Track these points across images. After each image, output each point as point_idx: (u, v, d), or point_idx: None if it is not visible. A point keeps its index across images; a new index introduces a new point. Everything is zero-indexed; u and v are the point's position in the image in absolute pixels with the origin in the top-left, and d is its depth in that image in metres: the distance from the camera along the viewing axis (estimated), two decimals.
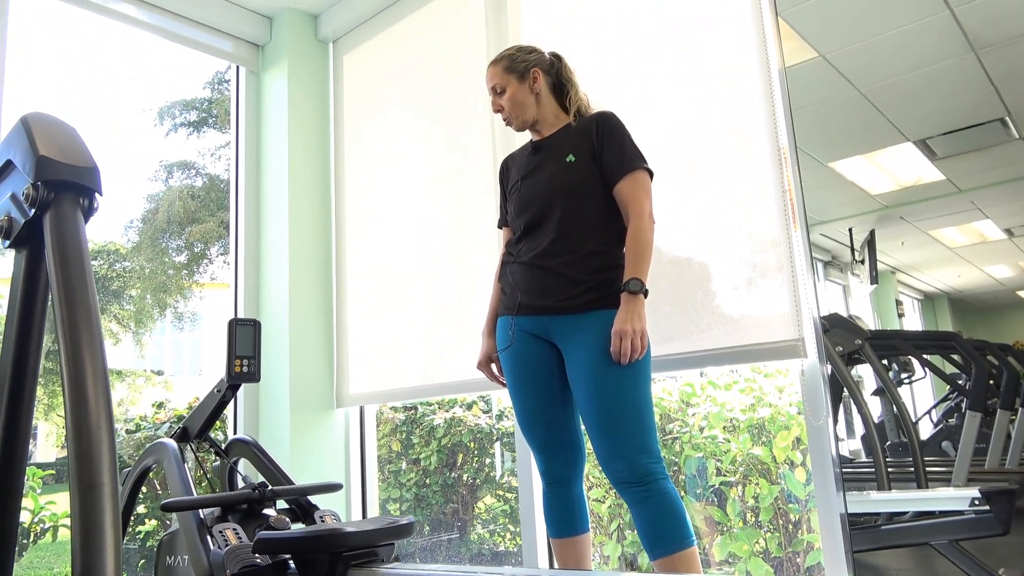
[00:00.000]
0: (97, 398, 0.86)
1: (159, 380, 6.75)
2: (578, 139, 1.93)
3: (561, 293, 1.85)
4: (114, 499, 0.81)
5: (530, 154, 2.03)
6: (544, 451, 1.92)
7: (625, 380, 1.74)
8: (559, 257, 1.87)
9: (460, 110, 2.85)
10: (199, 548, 1.87)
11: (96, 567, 0.76)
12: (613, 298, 1.81)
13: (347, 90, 3.36)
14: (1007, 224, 7.27)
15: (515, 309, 1.95)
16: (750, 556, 2.54)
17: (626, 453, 1.71)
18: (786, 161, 1.96)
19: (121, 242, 6.97)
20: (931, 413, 6.76)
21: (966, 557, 2.19)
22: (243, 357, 2.15)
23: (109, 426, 0.84)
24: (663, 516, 1.68)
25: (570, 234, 1.87)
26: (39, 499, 3.15)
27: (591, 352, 1.78)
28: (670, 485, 1.72)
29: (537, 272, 1.90)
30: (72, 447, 0.81)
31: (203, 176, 7.41)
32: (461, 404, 3.81)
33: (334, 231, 3.26)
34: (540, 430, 1.92)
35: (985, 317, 5.32)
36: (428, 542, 3.79)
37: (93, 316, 0.92)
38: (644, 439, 1.72)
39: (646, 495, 1.69)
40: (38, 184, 0.98)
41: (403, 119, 3.09)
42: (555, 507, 1.93)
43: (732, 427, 2.71)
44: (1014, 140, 6.58)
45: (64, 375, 0.86)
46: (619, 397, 1.74)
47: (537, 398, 1.92)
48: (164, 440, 2.26)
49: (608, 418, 1.74)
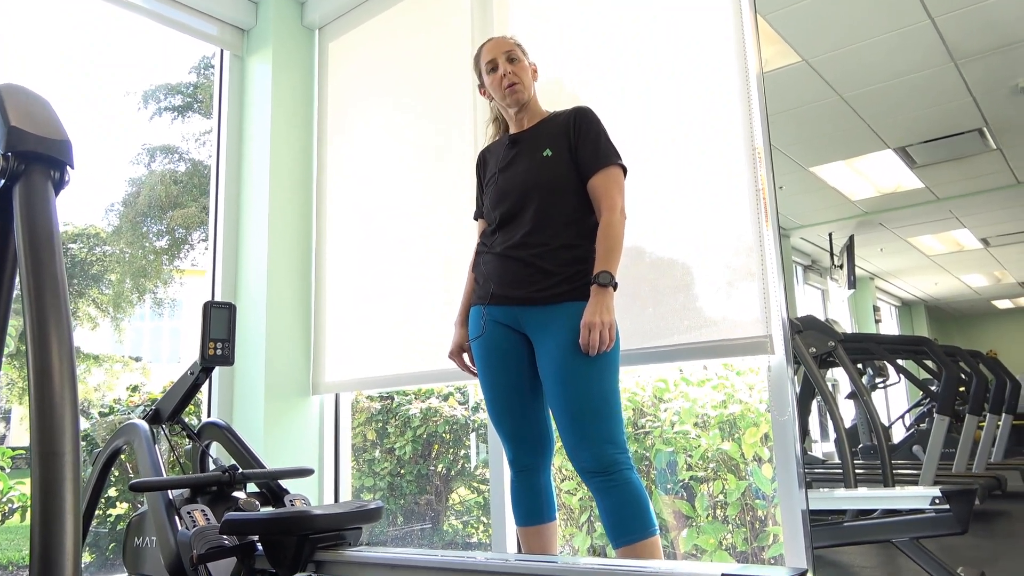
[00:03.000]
0: (61, 369, 0.87)
1: (137, 366, 6.69)
2: (555, 133, 1.95)
3: (533, 284, 1.88)
4: (75, 468, 0.81)
5: (507, 147, 2.05)
6: (512, 440, 1.95)
7: (593, 372, 1.77)
8: (532, 249, 1.89)
9: (443, 102, 2.86)
10: (167, 529, 1.87)
11: (55, 535, 0.77)
12: (584, 290, 1.83)
13: (331, 78, 3.35)
14: (983, 234, 7.38)
15: (487, 299, 1.97)
16: (716, 549, 2.58)
17: (592, 443, 1.73)
18: (760, 162, 1.99)
19: (101, 226, 6.87)
20: (904, 417, 6.86)
21: (926, 555, 2.24)
22: (217, 340, 2.15)
23: (72, 396, 0.85)
24: (626, 506, 1.71)
25: (544, 227, 1.89)
26: (8, 479, 3.13)
27: (560, 343, 1.81)
28: (635, 476, 1.75)
29: (510, 263, 1.92)
30: (34, 415, 0.82)
31: (186, 161, 7.32)
32: (437, 395, 3.82)
33: (314, 218, 3.26)
34: (509, 419, 1.95)
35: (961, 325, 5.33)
36: (401, 532, 3.80)
37: (60, 289, 0.93)
38: (610, 430, 1.75)
39: (611, 485, 1.72)
40: (8, 155, 0.98)
41: (387, 109, 3.09)
42: (522, 495, 1.95)
43: (703, 423, 2.74)
44: (991, 151, 6.63)
45: (29, 346, 0.86)
46: (587, 389, 1.76)
47: (506, 388, 1.94)
48: (135, 421, 2.26)
49: (576, 409, 1.76)
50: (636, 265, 2.20)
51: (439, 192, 2.81)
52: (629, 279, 2.16)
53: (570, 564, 1.31)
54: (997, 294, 11.13)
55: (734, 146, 2.05)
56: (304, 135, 3.32)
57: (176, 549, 1.83)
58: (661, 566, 1.21)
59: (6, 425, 4.85)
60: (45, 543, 0.76)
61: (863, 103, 4.87)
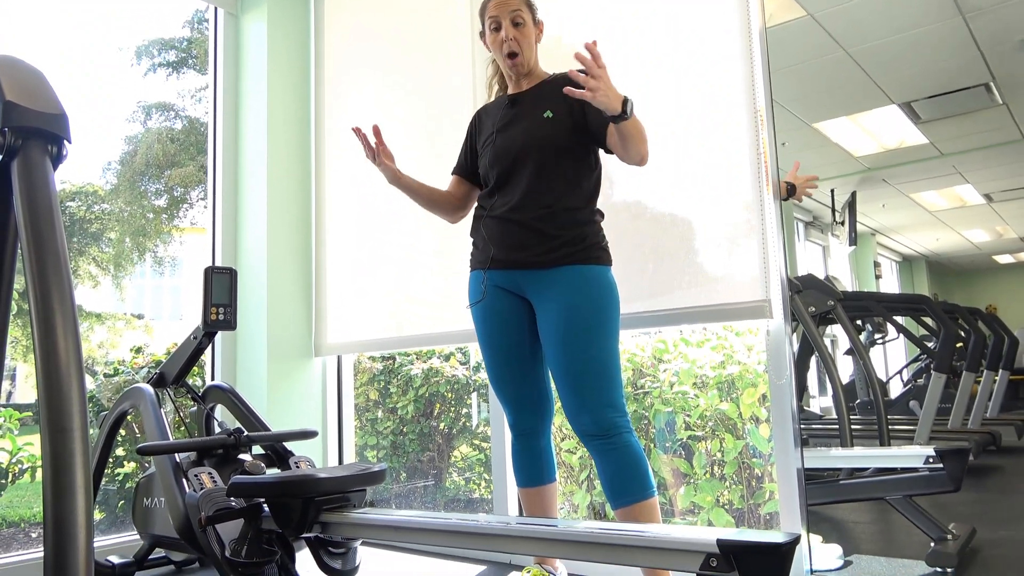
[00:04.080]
0: (67, 345, 0.88)
1: (139, 324, 6.70)
2: (555, 96, 1.90)
3: (534, 248, 1.87)
4: (84, 443, 0.83)
5: (506, 107, 2.02)
6: (513, 404, 1.97)
7: (593, 336, 1.78)
8: (532, 212, 1.87)
9: (442, 63, 2.82)
10: (175, 491, 1.92)
11: (67, 508, 0.79)
12: (585, 253, 1.84)
13: (328, 37, 3.30)
14: (987, 189, 7.32)
15: (487, 263, 1.96)
16: (713, 507, 2.63)
17: (592, 407, 1.75)
18: (762, 124, 1.97)
19: (99, 184, 6.83)
20: (902, 373, 6.91)
21: (919, 512, 2.28)
22: (219, 305, 2.17)
23: (79, 372, 0.86)
24: (625, 468, 1.73)
25: (544, 189, 1.87)
26: (16, 440, 3.18)
27: (562, 307, 1.81)
28: (634, 438, 1.77)
29: (510, 227, 1.91)
30: (43, 393, 0.83)
31: (183, 119, 7.21)
32: (439, 355, 3.85)
33: (313, 179, 3.24)
34: (509, 384, 1.96)
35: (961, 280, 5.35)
36: (404, 488, 3.87)
37: (63, 264, 0.93)
38: (610, 394, 1.76)
39: (610, 447, 1.74)
40: (5, 130, 0.98)
41: (385, 69, 3.05)
42: (523, 458, 1.98)
43: (701, 383, 2.77)
44: (997, 106, 6.53)
45: (34, 323, 0.87)
46: (587, 352, 1.77)
47: (507, 353, 1.95)
48: (141, 385, 2.29)
49: (576, 372, 1.77)
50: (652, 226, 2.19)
51: (439, 152, 2.79)
52: (629, 235, 2.17)
53: (569, 527, 1.34)
54: (998, 249, 11.13)
55: (735, 104, 2.03)
56: (301, 95, 3.28)
57: (184, 511, 1.87)
58: (656, 530, 1.24)
59: (12, 383, 4.89)
60: (58, 517, 0.78)
61: (868, 58, 4.79)
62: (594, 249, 1.88)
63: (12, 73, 1.02)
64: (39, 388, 0.84)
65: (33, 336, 0.87)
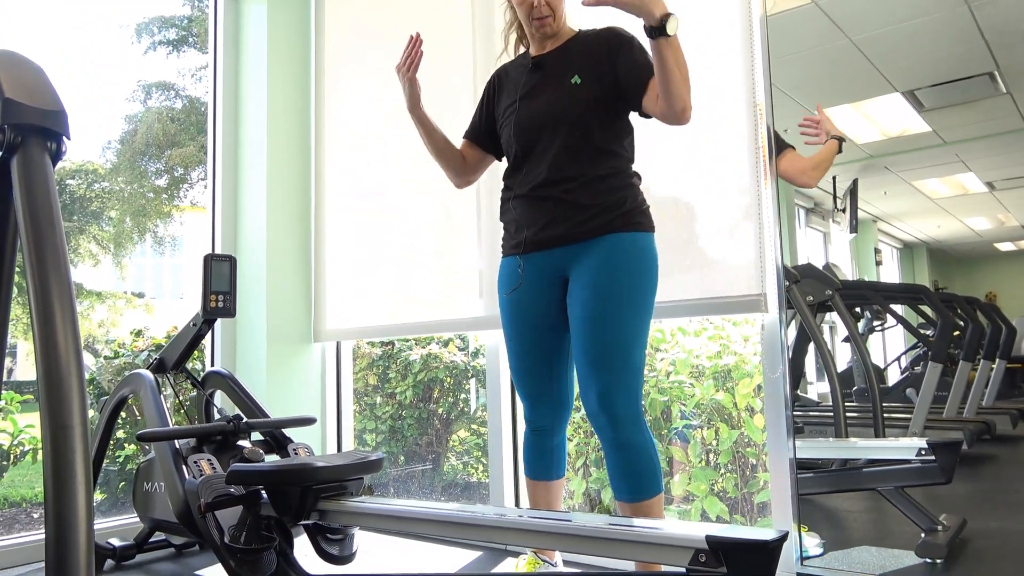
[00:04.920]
0: (67, 341, 0.89)
1: (140, 303, 6.73)
2: (584, 59, 1.76)
3: (568, 220, 1.74)
4: (84, 439, 0.85)
5: (529, 71, 1.85)
6: (531, 401, 1.89)
7: (619, 318, 1.67)
8: (562, 184, 1.75)
9: (445, 45, 2.80)
10: (174, 477, 1.94)
11: (68, 505, 0.81)
12: (624, 220, 1.71)
13: (329, 19, 3.27)
14: (989, 177, 7.33)
15: (522, 247, 1.83)
16: (707, 495, 2.66)
17: (610, 395, 1.65)
18: (761, 118, 1.97)
19: (99, 162, 6.81)
20: (900, 360, 6.92)
21: (910, 503, 2.31)
22: (218, 292, 2.18)
23: (79, 370, 0.87)
24: (632, 466, 1.66)
25: (573, 161, 1.74)
26: (18, 422, 3.21)
27: (591, 284, 1.70)
28: (642, 435, 1.68)
29: (541, 204, 1.78)
30: (43, 391, 0.85)
31: (183, 98, 7.19)
32: (437, 341, 3.87)
33: (313, 164, 3.24)
34: (530, 381, 1.88)
35: (962, 267, 5.41)
36: (403, 472, 3.91)
37: (62, 262, 0.94)
38: (628, 384, 1.67)
39: (618, 443, 1.67)
40: (4, 127, 0.98)
41: (387, 51, 3.03)
42: (534, 452, 1.92)
43: (698, 373, 2.79)
44: (1001, 95, 6.56)
45: (34, 320, 0.88)
46: (610, 337, 1.67)
47: (532, 350, 1.86)
48: (141, 371, 2.31)
49: (595, 357, 1.67)
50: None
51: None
52: None
53: (562, 521, 1.36)
54: (999, 237, 11.12)
55: (736, 95, 2.03)
56: (302, 77, 3.27)
57: (184, 497, 1.89)
58: (646, 525, 1.26)
59: (12, 359, 4.92)
60: (59, 512, 0.80)
61: (872, 45, 4.75)
62: (634, 214, 1.74)
63: (11, 69, 1.03)
64: (40, 385, 0.85)
65: (33, 334, 0.88)
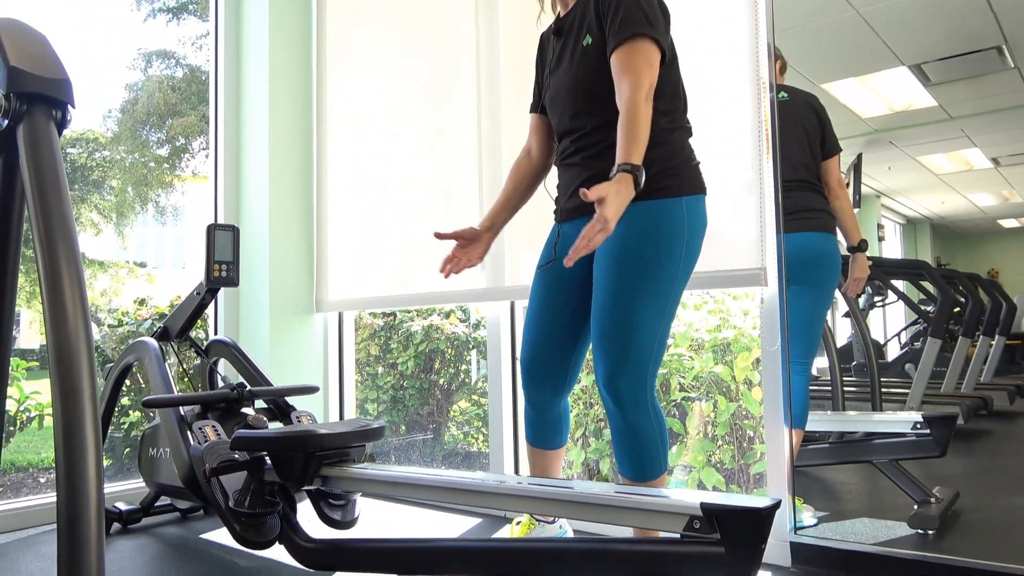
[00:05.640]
0: (75, 308, 0.90)
1: (142, 273, 6.74)
2: (593, 15, 1.68)
3: None
4: (93, 403, 0.87)
5: (554, 37, 1.82)
6: (528, 377, 1.85)
7: (636, 300, 1.60)
8: (583, 151, 1.72)
9: (447, 15, 2.79)
10: (180, 443, 1.97)
11: (78, 466, 0.83)
12: (648, 186, 1.56)
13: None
14: (994, 153, 7.29)
15: (558, 215, 1.84)
16: (704, 466, 2.69)
17: (617, 377, 1.60)
18: (765, 89, 1.96)
19: (100, 131, 6.79)
20: (899, 336, 6.96)
21: (905, 476, 2.34)
22: (222, 262, 2.19)
23: (87, 335, 0.89)
24: (640, 450, 1.63)
25: (598, 127, 1.68)
26: (24, 388, 3.25)
27: (610, 258, 1.64)
28: (653, 418, 1.64)
29: (569, 172, 1.77)
30: (52, 355, 0.86)
31: (184, 67, 7.15)
32: (439, 312, 3.89)
33: (315, 134, 3.23)
34: (539, 363, 1.83)
35: (965, 243, 5.40)
36: (404, 441, 3.95)
37: (69, 229, 0.95)
38: (640, 366, 1.61)
39: (625, 424, 1.63)
40: (10, 95, 0.99)
41: (389, 21, 3.01)
42: (533, 423, 1.89)
43: (697, 346, 2.81)
44: (1009, 69, 6.50)
45: (43, 288, 0.90)
46: (624, 319, 1.60)
47: (550, 331, 1.82)
48: (145, 339, 2.33)
49: (608, 337, 1.62)
50: None
51: (443, 106, 2.78)
52: None
53: (561, 488, 1.39)
54: (1003, 213, 11.08)
55: (739, 71, 2.02)
56: (304, 47, 3.25)
57: (189, 462, 1.92)
58: (643, 492, 1.29)
59: (17, 328, 4.95)
60: (70, 474, 0.82)
61: (879, 18, 4.70)
62: (661, 177, 1.61)
63: (16, 38, 1.03)
64: (49, 351, 0.87)
65: (42, 300, 0.90)
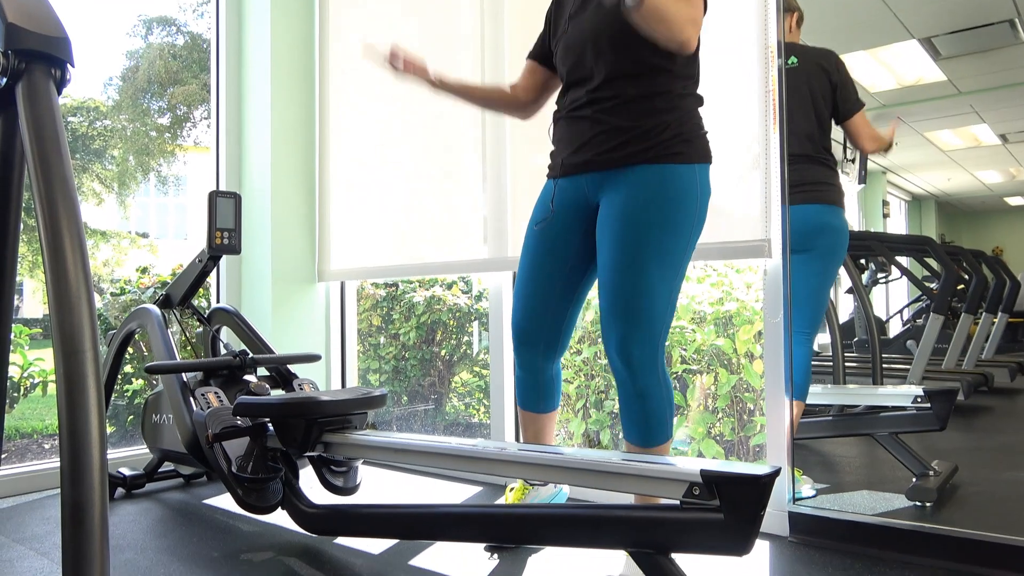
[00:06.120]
0: (76, 269, 0.90)
1: (144, 243, 6.74)
2: None
3: (601, 145, 1.63)
4: (95, 364, 0.87)
5: None
6: (519, 338, 1.82)
7: (650, 266, 1.57)
8: (600, 103, 1.64)
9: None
10: (183, 409, 1.98)
11: (81, 426, 0.83)
12: (660, 149, 1.58)
13: None
14: (1003, 130, 7.27)
15: (557, 170, 1.74)
16: (704, 438, 2.71)
17: (629, 343, 1.58)
18: (773, 60, 1.94)
19: (101, 99, 6.74)
20: (902, 313, 6.97)
21: (904, 449, 2.35)
22: (224, 230, 2.19)
23: (89, 296, 0.88)
24: (650, 415, 1.62)
25: (614, 79, 1.62)
26: (27, 355, 3.26)
27: (622, 221, 1.59)
28: (664, 383, 1.64)
29: (579, 124, 1.68)
30: (54, 316, 0.86)
31: (184, 34, 7.09)
32: (441, 283, 3.89)
33: (317, 103, 3.21)
34: (529, 323, 1.79)
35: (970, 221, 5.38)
36: (405, 412, 3.98)
37: (70, 190, 0.95)
38: (653, 331, 1.59)
39: (634, 390, 1.62)
40: (8, 53, 0.98)
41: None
42: (525, 386, 1.87)
43: (699, 319, 2.81)
44: (1020, 43, 6.43)
45: (44, 248, 0.89)
46: (638, 284, 1.57)
47: (541, 296, 1.77)
48: (147, 306, 2.33)
49: (620, 302, 1.59)
50: None
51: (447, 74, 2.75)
52: None
53: (562, 455, 1.39)
54: (1010, 191, 11.04)
55: (746, 40, 1.99)
56: (305, 12, 3.21)
57: (192, 428, 1.94)
58: (643, 459, 1.30)
59: (19, 297, 4.97)
60: (73, 435, 0.83)
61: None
62: (674, 143, 1.59)
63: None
64: (51, 312, 0.87)
65: (44, 262, 0.89)
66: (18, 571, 1.72)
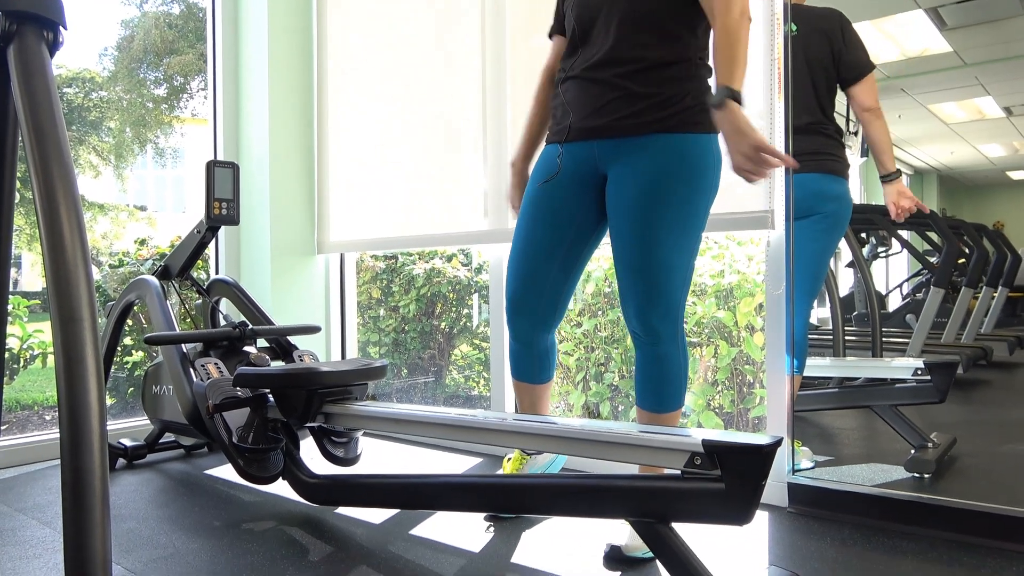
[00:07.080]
0: (72, 235, 0.89)
1: (142, 216, 6.72)
2: None
3: (618, 111, 1.57)
4: (93, 331, 0.86)
5: None
6: (513, 307, 1.77)
7: (670, 233, 1.55)
8: (619, 67, 1.57)
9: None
10: (183, 380, 1.97)
11: (80, 393, 0.82)
12: (680, 118, 1.54)
13: None
14: (1007, 102, 7.20)
15: (565, 134, 1.66)
16: (703, 410, 2.71)
17: (649, 309, 1.57)
18: (779, 26, 1.90)
19: (96, 70, 6.68)
20: (902, 287, 6.98)
21: (903, 421, 2.36)
22: (222, 200, 2.17)
23: (85, 262, 0.87)
24: (666, 380, 1.63)
25: (633, 42, 1.56)
26: (26, 327, 3.26)
27: (641, 189, 1.55)
28: (677, 351, 1.63)
29: (592, 87, 1.61)
30: (51, 283, 0.85)
31: (180, 3, 7.01)
32: (441, 256, 3.88)
33: (316, 72, 3.17)
34: (526, 296, 1.74)
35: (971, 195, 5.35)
36: (405, 384, 3.98)
37: (64, 155, 0.93)
38: (671, 298, 1.58)
39: (653, 355, 1.62)
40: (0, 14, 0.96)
41: None
42: (519, 357, 1.84)
43: (700, 291, 2.80)
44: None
45: (39, 215, 0.88)
46: (658, 251, 1.55)
47: (537, 266, 1.72)
48: (146, 277, 2.32)
49: (640, 269, 1.57)
50: None
51: (447, 41, 2.71)
52: None
53: (563, 425, 1.39)
54: (1012, 165, 10.99)
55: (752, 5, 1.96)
56: None
57: (192, 399, 1.93)
58: (645, 429, 1.29)
59: (18, 270, 4.97)
60: (72, 403, 0.82)
61: None
62: (693, 112, 1.55)
63: None
64: (48, 279, 0.86)
65: (39, 227, 0.88)
66: (20, 540, 1.73)
